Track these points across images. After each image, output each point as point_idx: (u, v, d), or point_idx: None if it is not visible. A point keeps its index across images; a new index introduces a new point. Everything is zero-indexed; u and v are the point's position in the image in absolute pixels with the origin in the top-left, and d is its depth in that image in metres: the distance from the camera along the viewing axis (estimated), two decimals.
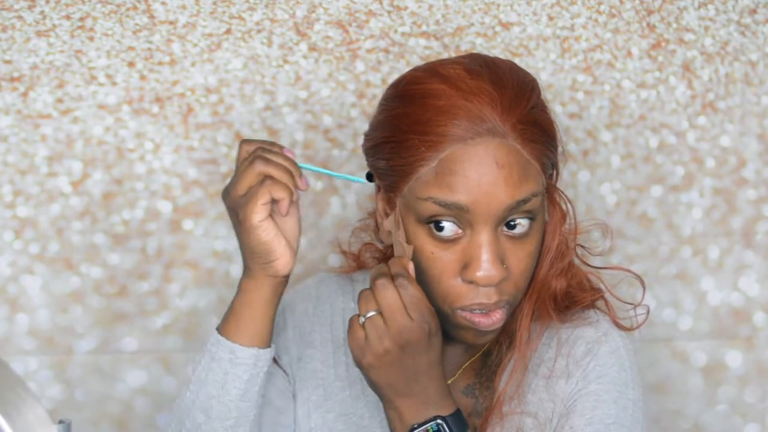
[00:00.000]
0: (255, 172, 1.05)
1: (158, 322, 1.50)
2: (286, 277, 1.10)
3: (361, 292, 1.06)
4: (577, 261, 1.17)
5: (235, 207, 1.07)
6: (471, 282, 1.05)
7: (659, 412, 1.54)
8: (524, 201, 1.04)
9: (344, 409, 1.18)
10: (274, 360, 1.17)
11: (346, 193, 1.50)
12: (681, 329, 1.54)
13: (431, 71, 1.08)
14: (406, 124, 1.06)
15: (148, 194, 1.49)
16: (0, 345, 1.46)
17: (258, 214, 1.05)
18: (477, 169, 1.03)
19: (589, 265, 1.18)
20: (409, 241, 1.07)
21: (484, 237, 1.04)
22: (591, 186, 1.52)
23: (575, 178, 1.52)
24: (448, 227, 1.05)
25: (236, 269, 1.49)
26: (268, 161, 1.06)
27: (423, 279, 1.07)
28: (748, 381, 1.54)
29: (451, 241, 1.05)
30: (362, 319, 1.05)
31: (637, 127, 1.52)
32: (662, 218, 1.53)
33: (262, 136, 1.49)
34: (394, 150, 1.07)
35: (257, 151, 1.07)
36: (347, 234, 1.31)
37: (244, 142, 1.09)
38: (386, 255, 1.26)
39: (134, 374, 1.49)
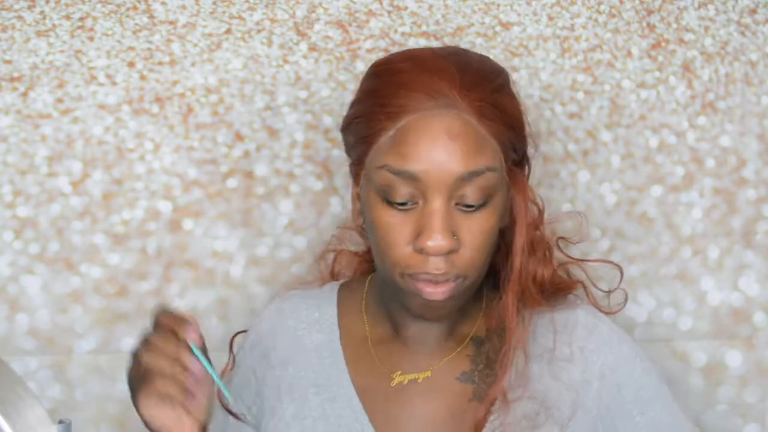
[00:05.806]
0: (141, 362, 1.04)
1: None
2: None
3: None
4: (559, 253, 1.20)
5: (131, 388, 1.06)
6: (421, 251, 1.07)
7: None
8: (476, 173, 1.07)
9: (321, 413, 1.18)
10: (231, 412, 1.16)
11: (346, 193, 1.50)
12: (681, 329, 1.53)
13: (404, 53, 1.15)
14: (371, 98, 1.12)
15: (148, 194, 1.49)
16: (0, 345, 1.46)
17: (146, 408, 1.05)
18: (429, 140, 1.06)
19: (569, 257, 1.21)
20: (367, 213, 1.11)
21: (435, 206, 1.07)
22: (591, 186, 1.52)
23: (575, 178, 1.52)
24: (402, 195, 1.07)
25: (236, 269, 1.49)
26: (153, 352, 1.04)
27: (378, 247, 1.10)
28: (748, 381, 1.54)
29: (405, 210, 1.08)
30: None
31: (637, 127, 1.52)
32: (662, 218, 1.53)
33: (262, 136, 1.49)
34: (360, 123, 1.12)
35: (151, 337, 1.05)
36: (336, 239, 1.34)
37: (163, 314, 1.07)
38: (359, 255, 1.31)
39: None
